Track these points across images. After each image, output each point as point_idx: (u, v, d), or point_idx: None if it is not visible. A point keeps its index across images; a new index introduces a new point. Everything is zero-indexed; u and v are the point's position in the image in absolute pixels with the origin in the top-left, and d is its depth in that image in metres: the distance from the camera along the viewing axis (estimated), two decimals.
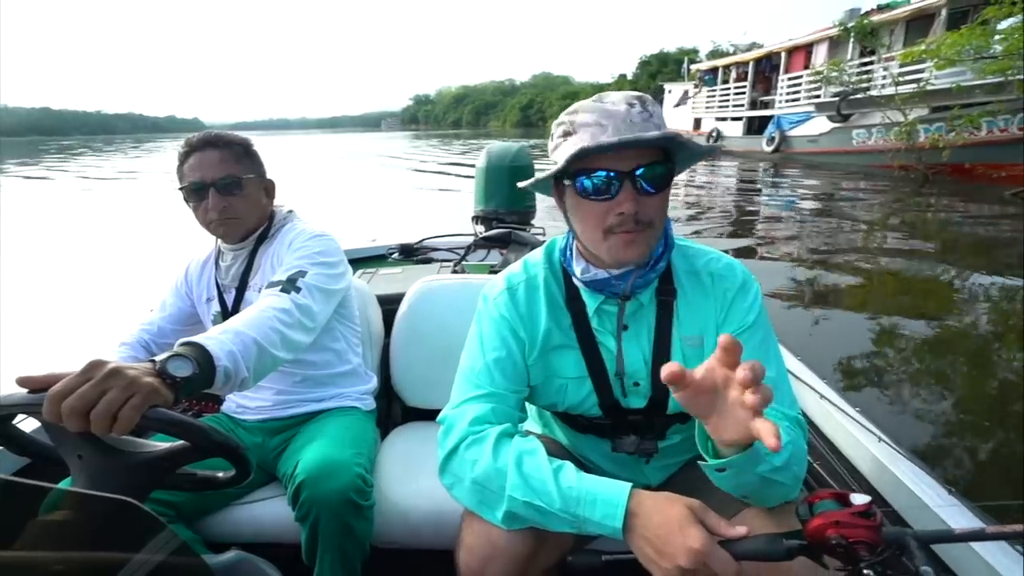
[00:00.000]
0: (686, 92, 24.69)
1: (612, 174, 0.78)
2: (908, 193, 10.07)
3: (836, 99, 13.60)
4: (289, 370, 1.28)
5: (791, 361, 1.42)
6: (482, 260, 2.25)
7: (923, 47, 10.37)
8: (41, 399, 0.70)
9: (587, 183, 0.79)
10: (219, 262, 1.33)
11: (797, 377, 1.33)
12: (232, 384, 0.89)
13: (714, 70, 22.85)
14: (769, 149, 16.87)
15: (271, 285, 1.13)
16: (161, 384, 0.75)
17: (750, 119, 19.21)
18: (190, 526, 1.13)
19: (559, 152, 0.82)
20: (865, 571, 0.58)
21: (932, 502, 0.94)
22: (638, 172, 0.78)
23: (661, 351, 0.89)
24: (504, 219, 2.53)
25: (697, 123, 23.01)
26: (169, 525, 0.54)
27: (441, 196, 11.67)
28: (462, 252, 2.25)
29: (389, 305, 1.68)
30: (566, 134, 0.81)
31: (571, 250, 0.92)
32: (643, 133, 0.75)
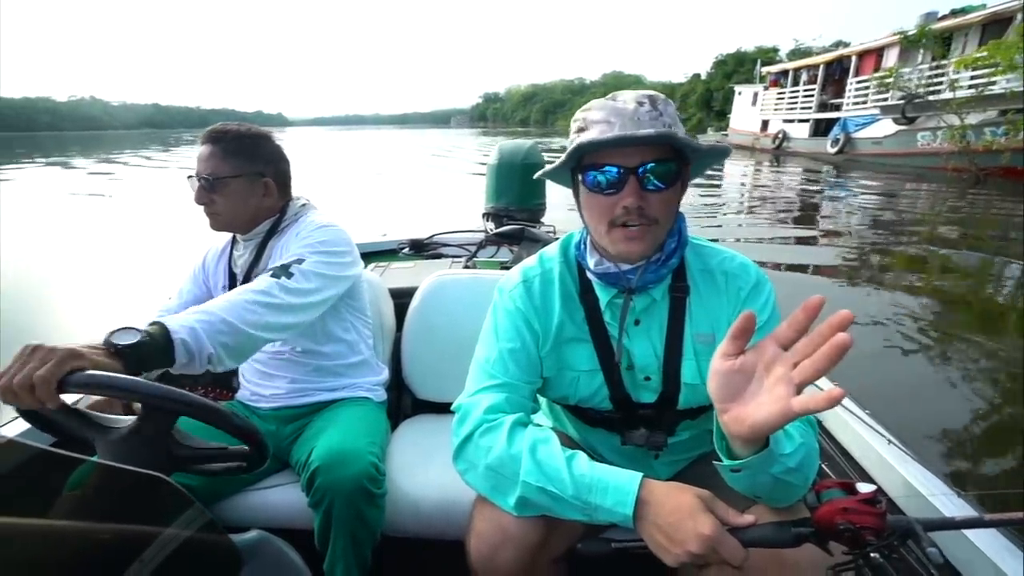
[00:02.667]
0: (756, 94, 24.97)
1: (617, 169, 0.80)
2: (958, 192, 10.58)
3: (902, 102, 13.93)
4: (302, 360, 1.32)
5: None
6: (492, 256, 2.27)
7: (975, 55, 10.75)
8: None
9: (593, 178, 0.82)
10: (233, 251, 1.37)
11: None
12: (198, 359, 0.92)
13: (785, 72, 23.09)
14: (833, 151, 17.24)
15: (264, 271, 1.16)
16: (99, 353, 0.80)
17: (817, 121, 19.53)
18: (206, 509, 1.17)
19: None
20: (872, 555, 0.60)
21: (935, 497, 0.96)
22: (642, 169, 0.80)
23: (673, 347, 0.91)
24: (515, 216, 2.55)
25: (764, 124, 23.37)
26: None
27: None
28: (472, 248, 2.28)
29: (401, 299, 1.70)
30: (580, 130, 0.84)
31: (586, 244, 0.94)
32: (637, 131, 0.78)
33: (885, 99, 15.30)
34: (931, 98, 13.12)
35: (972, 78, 12.02)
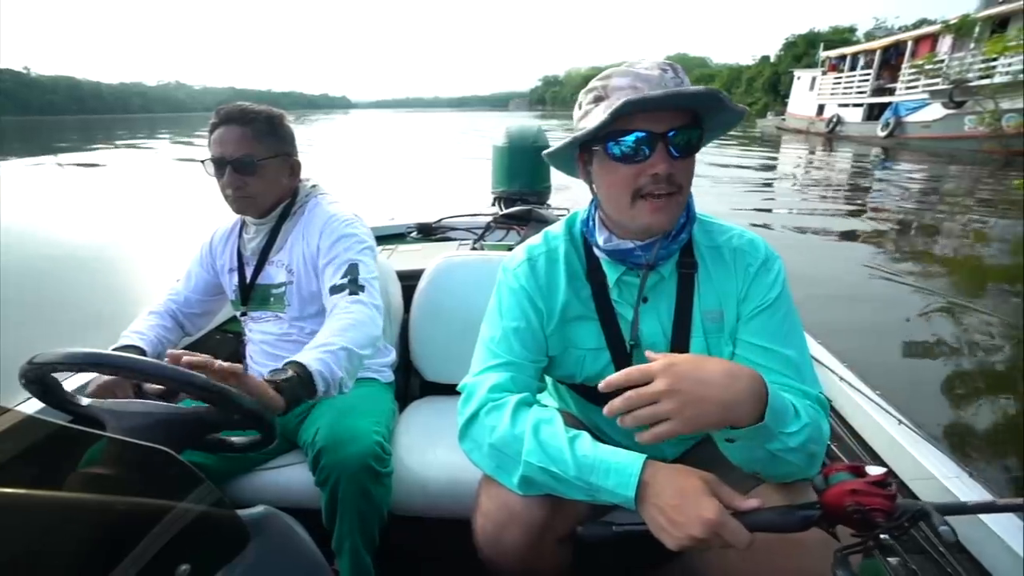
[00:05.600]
0: (814, 79, 25.10)
1: (646, 135, 0.77)
2: (987, 172, 11.30)
3: (950, 87, 14.37)
4: (309, 342, 1.34)
5: (811, 344, 1.40)
6: (501, 240, 2.24)
7: (1004, 42, 11.25)
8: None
9: (620, 146, 0.79)
10: (243, 234, 1.36)
11: (817, 360, 1.35)
12: (332, 387, 1.01)
13: (843, 57, 23.21)
14: (883, 134, 17.66)
15: (334, 290, 1.19)
16: (265, 387, 0.89)
17: (871, 105, 19.84)
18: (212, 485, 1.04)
19: (590, 118, 0.82)
20: (882, 536, 0.59)
21: (948, 480, 0.96)
22: (671, 134, 0.77)
23: (681, 324, 0.90)
24: (527, 199, 2.56)
25: (820, 109, 23.64)
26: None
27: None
28: (480, 231, 2.27)
29: (409, 281, 1.70)
30: (597, 99, 0.82)
31: (593, 220, 0.93)
32: (686, 88, 0.76)
33: (936, 84, 15.67)
34: (972, 84, 13.61)
35: (988, 67, 12.42)
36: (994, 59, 13.47)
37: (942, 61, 15.21)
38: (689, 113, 0.80)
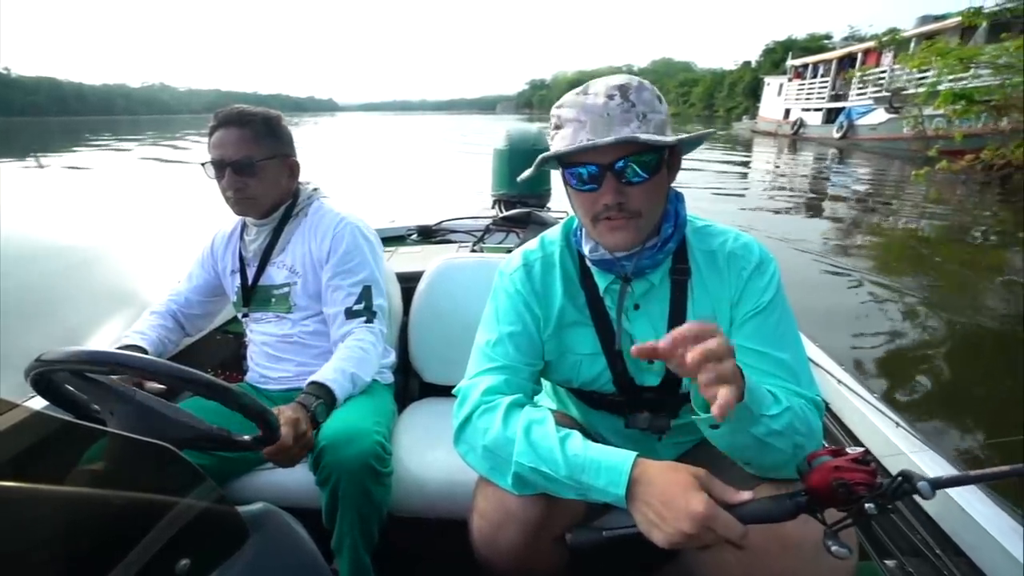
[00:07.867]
0: (781, 85, 27.37)
1: (594, 168, 0.81)
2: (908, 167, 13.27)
3: (889, 94, 16.56)
4: (310, 343, 1.36)
5: (807, 347, 1.42)
6: (500, 243, 2.26)
7: (918, 57, 13.42)
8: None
9: (573, 176, 0.84)
10: (244, 235, 1.38)
11: (813, 362, 1.39)
12: (332, 408, 1.15)
13: (806, 66, 25.56)
14: (837, 136, 19.85)
15: (351, 314, 1.26)
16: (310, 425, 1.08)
17: (829, 110, 22.09)
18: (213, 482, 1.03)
19: (553, 144, 0.86)
20: (867, 505, 0.61)
21: (915, 455, 1.03)
22: (619, 164, 0.80)
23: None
24: (526, 202, 2.62)
25: (786, 113, 25.91)
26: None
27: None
28: (480, 233, 2.31)
29: (408, 283, 1.71)
30: (556, 127, 0.85)
31: (582, 230, 0.94)
32: (606, 134, 0.79)
33: (880, 91, 17.86)
34: (905, 92, 15.77)
35: (952, 76, 14.47)
36: (925, 70, 15.63)
37: (884, 72, 17.44)
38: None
